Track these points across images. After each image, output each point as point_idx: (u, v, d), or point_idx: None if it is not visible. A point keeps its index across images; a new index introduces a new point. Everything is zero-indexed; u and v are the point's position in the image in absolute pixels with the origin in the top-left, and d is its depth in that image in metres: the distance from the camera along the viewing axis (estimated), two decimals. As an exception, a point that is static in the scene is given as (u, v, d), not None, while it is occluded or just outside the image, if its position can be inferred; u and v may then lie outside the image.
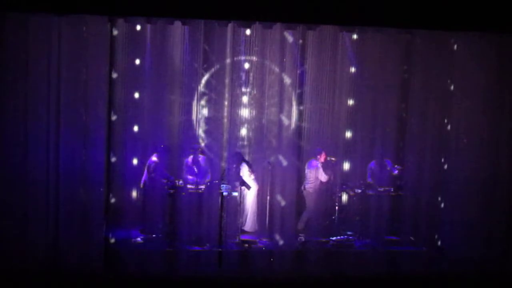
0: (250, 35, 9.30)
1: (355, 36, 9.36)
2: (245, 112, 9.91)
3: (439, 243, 9.36)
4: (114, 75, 9.06)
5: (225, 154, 9.37)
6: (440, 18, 8.59)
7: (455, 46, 9.14)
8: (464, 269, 9.04)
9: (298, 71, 9.33)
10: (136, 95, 9.07)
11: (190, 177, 9.53)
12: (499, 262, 9.19)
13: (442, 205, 9.35)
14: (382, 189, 9.54)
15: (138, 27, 8.92)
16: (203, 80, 10.16)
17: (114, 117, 9.10)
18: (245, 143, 10.28)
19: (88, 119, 8.48)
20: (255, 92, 9.64)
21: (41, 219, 8.38)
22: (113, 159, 9.05)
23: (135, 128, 8.99)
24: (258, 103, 9.62)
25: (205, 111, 10.23)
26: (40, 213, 8.38)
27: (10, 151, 8.26)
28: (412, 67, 9.32)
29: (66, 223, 8.44)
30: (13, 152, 8.26)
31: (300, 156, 9.82)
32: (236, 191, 9.42)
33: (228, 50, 9.04)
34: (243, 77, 9.73)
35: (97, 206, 8.53)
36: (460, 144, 9.20)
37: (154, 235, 8.95)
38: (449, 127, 9.28)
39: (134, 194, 9.03)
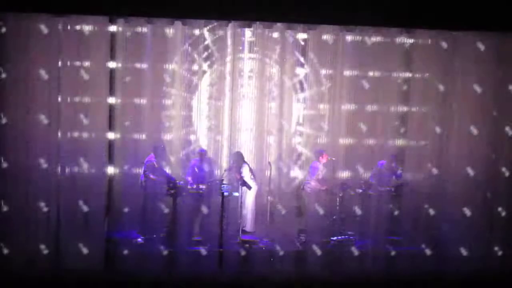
0: (250, 35, 9.29)
1: (355, 36, 9.32)
2: (245, 113, 9.90)
3: (439, 243, 9.38)
4: (115, 76, 9.03)
5: (225, 154, 9.35)
6: (440, 18, 8.60)
7: (456, 46, 9.13)
8: (464, 269, 9.04)
9: (298, 71, 9.31)
10: (137, 94, 9.00)
11: (191, 180, 9.55)
12: (499, 262, 9.20)
13: (442, 205, 9.35)
14: (382, 189, 9.54)
15: (139, 28, 8.88)
16: (203, 81, 10.15)
17: (114, 118, 9.10)
18: (246, 143, 10.28)
19: (88, 120, 8.48)
20: (255, 92, 9.62)
21: (41, 220, 8.38)
22: (114, 160, 9.04)
23: (135, 129, 8.95)
24: (258, 104, 9.59)
25: (205, 112, 10.22)
26: (41, 214, 8.37)
27: (11, 152, 8.24)
28: (412, 68, 9.31)
29: (67, 224, 8.45)
30: (14, 153, 8.25)
31: (301, 156, 9.81)
32: (237, 191, 9.41)
33: (228, 50, 9.04)
34: (244, 77, 9.73)
35: (97, 207, 8.53)
36: (460, 144, 9.21)
37: (154, 236, 8.94)
38: (449, 127, 9.28)
39: (134, 195, 9.00)
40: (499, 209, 9.23)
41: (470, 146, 9.18)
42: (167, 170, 9.40)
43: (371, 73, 9.28)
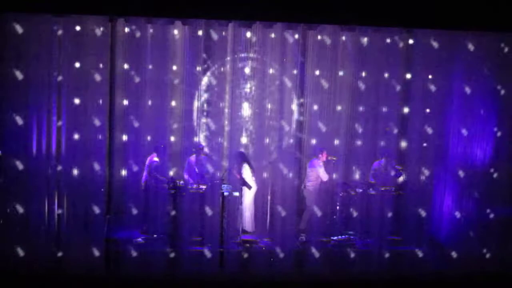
0: (251, 35, 9.29)
1: (356, 37, 9.30)
2: (245, 113, 9.90)
3: (439, 243, 9.38)
4: (115, 76, 9.04)
5: (226, 154, 9.35)
6: (440, 17, 8.59)
7: (456, 46, 9.12)
8: (464, 269, 9.06)
9: (298, 71, 9.31)
10: (137, 94, 9.00)
11: (188, 178, 9.52)
12: (499, 262, 9.20)
13: (443, 205, 9.36)
14: (383, 189, 9.55)
15: (139, 28, 8.87)
16: (204, 80, 10.15)
17: (115, 118, 9.10)
18: (246, 143, 10.28)
19: (89, 120, 8.48)
20: (255, 92, 9.62)
21: (42, 220, 8.39)
22: (114, 160, 9.04)
23: (136, 129, 8.94)
24: (258, 103, 9.60)
25: (206, 112, 10.22)
26: (42, 214, 8.38)
27: (11, 152, 8.25)
28: (412, 67, 9.31)
29: (68, 224, 8.47)
30: (15, 153, 8.25)
31: (301, 155, 9.81)
32: (237, 191, 9.41)
33: (228, 50, 9.04)
34: (244, 77, 9.73)
35: (98, 207, 8.53)
36: (461, 144, 9.21)
37: (155, 236, 8.95)
38: (449, 127, 9.28)
39: (135, 195, 9.00)
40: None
41: (472, 143, 9.19)
42: (168, 170, 9.40)
43: (371, 74, 9.26)
